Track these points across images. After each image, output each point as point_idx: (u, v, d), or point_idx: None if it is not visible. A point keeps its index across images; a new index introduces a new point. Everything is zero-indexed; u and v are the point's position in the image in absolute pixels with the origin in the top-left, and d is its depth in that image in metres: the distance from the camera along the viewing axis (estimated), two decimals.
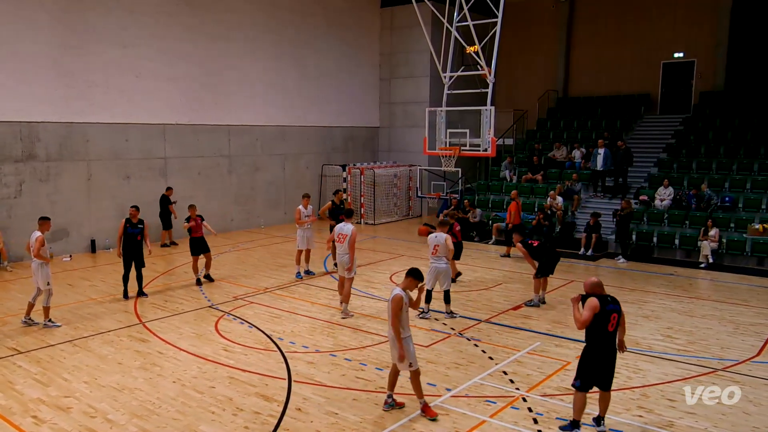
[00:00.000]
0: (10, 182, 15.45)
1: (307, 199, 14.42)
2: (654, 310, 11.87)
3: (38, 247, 10.41)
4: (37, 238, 10.46)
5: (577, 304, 6.82)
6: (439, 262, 11.08)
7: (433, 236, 11.21)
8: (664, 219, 17.64)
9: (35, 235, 10.54)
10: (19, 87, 15.38)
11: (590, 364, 6.74)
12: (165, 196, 18.04)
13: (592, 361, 6.74)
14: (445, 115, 19.85)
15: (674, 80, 23.74)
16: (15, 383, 8.27)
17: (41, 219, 10.89)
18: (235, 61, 20.26)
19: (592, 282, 6.83)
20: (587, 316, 6.58)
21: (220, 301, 12.32)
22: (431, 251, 11.16)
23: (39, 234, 10.53)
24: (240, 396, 7.88)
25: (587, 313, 6.59)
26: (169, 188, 18.17)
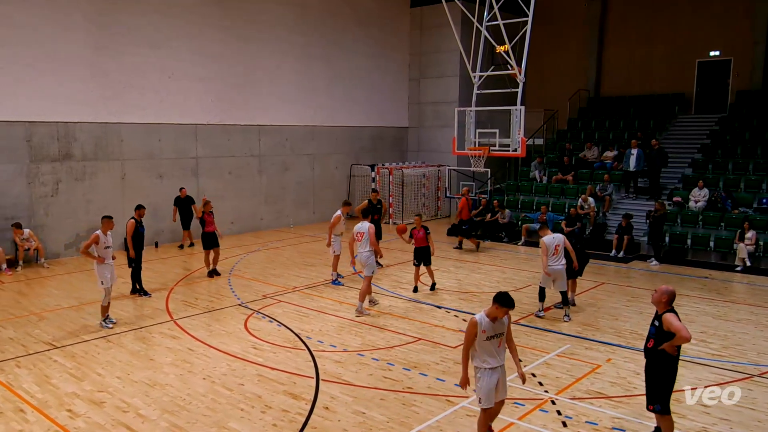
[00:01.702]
0: (47, 181, 15.84)
1: (347, 207, 14.24)
2: (687, 314, 11.62)
3: (87, 243, 10.38)
4: (92, 236, 10.47)
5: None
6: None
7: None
8: (699, 221, 17.28)
9: (95, 232, 10.55)
10: (56, 88, 15.76)
11: (670, 385, 6.29)
12: (180, 197, 17.65)
13: (671, 382, 6.29)
14: (474, 115, 19.74)
15: (710, 79, 23.23)
16: (51, 377, 8.48)
17: (104, 218, 10.81)
18: (265, 62, 20.46)
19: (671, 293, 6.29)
20: (679, 325, 6.04)
21: (250, 299, 12.45)
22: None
23: (96, 232, 10.49)
24: (268, 394, 7.95)
25: (678, 323, 6.05)
26: (182, 188, 17.84)
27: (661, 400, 6.27)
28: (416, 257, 13.32)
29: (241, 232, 20.17)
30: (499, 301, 6.09)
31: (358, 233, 11.67)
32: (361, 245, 11.55)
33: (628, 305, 12.19)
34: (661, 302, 6.27)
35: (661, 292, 6.30)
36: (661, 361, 6.23)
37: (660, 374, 6.28)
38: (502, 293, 6.14)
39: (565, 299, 11.26)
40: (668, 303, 6.25)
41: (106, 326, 10.54)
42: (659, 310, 6.30)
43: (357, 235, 11.69)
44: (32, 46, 15.25)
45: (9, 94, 14.99)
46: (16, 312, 11.52)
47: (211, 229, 14.18)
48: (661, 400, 6.27)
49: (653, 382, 6.33)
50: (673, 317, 6.13)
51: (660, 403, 6.27)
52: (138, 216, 12.42)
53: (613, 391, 8.10)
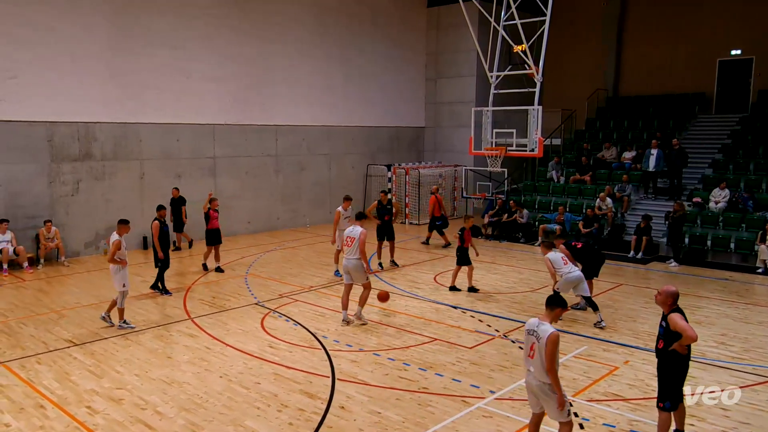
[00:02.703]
0: (67, 180, 16.04)
1: (348, 201, 14.36)
2: (707, 316, 11.49)
3: (113, 251, 10.21)
4: (114, 242, 10.27)
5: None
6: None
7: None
8: (719, 221, 17.05)
9: (112, 238, 10.38)
10: (77, 89, 15.96)
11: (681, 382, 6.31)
12: (173, 198, 17.19)
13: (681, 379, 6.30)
14: (491, 115, 19.65)
15: (731, 78, 22.91)
16: (71, 374, 8.58)
17: (120, 222, 10.59)
18: (282, 62, 20.54)
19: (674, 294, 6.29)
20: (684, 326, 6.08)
21: (266, 298, 12.51)
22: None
23: (117, 237, 10.31)
24: (285, 392, 7.98)
25: (683, 323, 6.10)
26: (174, 188, 17.39)
27: (672, 397, 6.32)
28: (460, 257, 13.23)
29: (257, 232, 20.27)
30: (556, 304, 6.05)
31: (348, 238, 10.76)
32: (350, 251, 10.65)
33: (646, 307, 12.06)
34: (666, 304, 6.29)
35: (665, 294, 6.30)
36: (673, 360, 6.25)
37: (672, 373, 6.32)
38: (553, 296, 6.19)
39: (592, 303, 10.99)
40: (673, 304, 6.27)
41: (128, 327, 10.50)
42: (665, 311, 6.33)
43: (348, 239, 10.76)
44: (53, 48, 15.46)
45: (30, 95, 15.20)
46: (37, 309, 11.69)
47: (216, 225, 14.56)
48: (672, 397, 6.32)
49: (665, 381, 6.36)
50: (678, 317, 6.15)
51: (670, 400, 6.32)
52: (160, 216, 12.71)
53: (631, 393, 8.03)
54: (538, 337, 5.87)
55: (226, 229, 19.18)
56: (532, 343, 5.93)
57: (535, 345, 5.89)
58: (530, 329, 6.03)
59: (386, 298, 11.11)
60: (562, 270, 10.86)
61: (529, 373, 6.05)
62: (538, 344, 5.84)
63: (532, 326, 6.01)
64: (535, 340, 5.89)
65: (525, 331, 6.12)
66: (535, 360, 5.89)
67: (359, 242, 10.52)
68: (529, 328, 6.06)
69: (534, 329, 5.96)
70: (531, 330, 6.01)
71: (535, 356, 5.87)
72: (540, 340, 5.82)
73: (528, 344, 6.02)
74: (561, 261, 10.94)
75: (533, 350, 5.92)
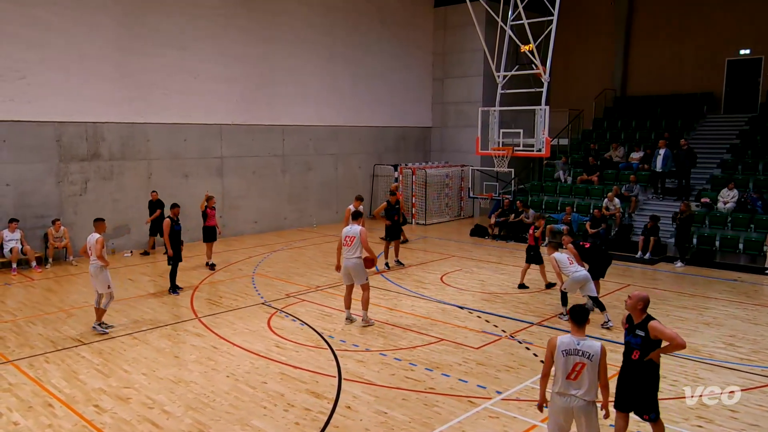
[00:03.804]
0: (76, 180, 16.13)
1: (359, 201, 14.34)
2: (716, 317, 11.43)
3: (100, 248, 10.08)
4: (98, 240, 10.14)
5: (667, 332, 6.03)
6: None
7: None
8: (728, 222, 16.96)
9: (94, 237, 10.22)
10: (85, 89, 16.04)
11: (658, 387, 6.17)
12: (151, 201, 16.76)
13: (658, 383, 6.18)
14: (498, 115, 19.62)
15: (739, 78, 22.78)
16: (79, 373, 8.62)
17: (97, 220, 10.57)
18: (289, 62, 20.57)
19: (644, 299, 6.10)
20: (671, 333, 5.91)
21: (273, 298, 12.53)
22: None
23: (98, 236, 10.21)
24: (291, 392, 7.99)
25: (670, 331, 5.94)
26: (153, 192, 16.87)
27: (655, 408, 6.17)
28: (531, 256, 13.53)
29: (264, 232, 20.32)
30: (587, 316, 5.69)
31: (347, 237, 10.55)
32: (349, 251, 10.50)
33: (654, 308, 11.94)
34: (636, 309, 6.08)
35: (635, 299, 6.11)
36: (650, 370, 6.07)
37: (651, 383, 6.12)
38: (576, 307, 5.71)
39: (599, 303, 10.92)
40: (644, 309, 6.08)
41: (103, 331, 10.23)
42: (636, 317, 6.09)
43: (346, 239, 10.56)
44: (61, 48, 15.54)
45: (39, 95, 15.29)
46: (45, 308, 11.75)
47: (212, 223, 14.99)
48: (655, 408, 6.17)
49: (646, 392, 6.15)
50: (661, 325, 5.97)
51: (654, 411, 6.16)
52: (173, 215, 12.82)
53: None
54: (587, 355, 5.39)
55: (233, 229, 19.39)
56: (576, 363, 5.40)
57: (586, 365, 5.38)
58: (569, 349, 5.45)
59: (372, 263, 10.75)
60: (568, 270, 10.84)
61: (570, 398, 5.46)
62: (590, 362, 5.37)
63: (571, 345, 5.46)
64: (584, 359, 5.39)
65: (560, 353, 5.47)
66: (582, 380, 5.40)
67: (361, 239, 10.45)
68: (567, 348, 5.46)
69: (576, 348, 5.44)
70: (571, 349, 5.45)
71: (583, 376, 5.39)
72: (592, 357, 5.38)
73: (568, 366, 5.43)
74: (567, 261, 10.91)
75: (579, 371, 5.41)
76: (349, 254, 10.58)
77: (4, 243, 14.64)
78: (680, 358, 9.27)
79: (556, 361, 5.48)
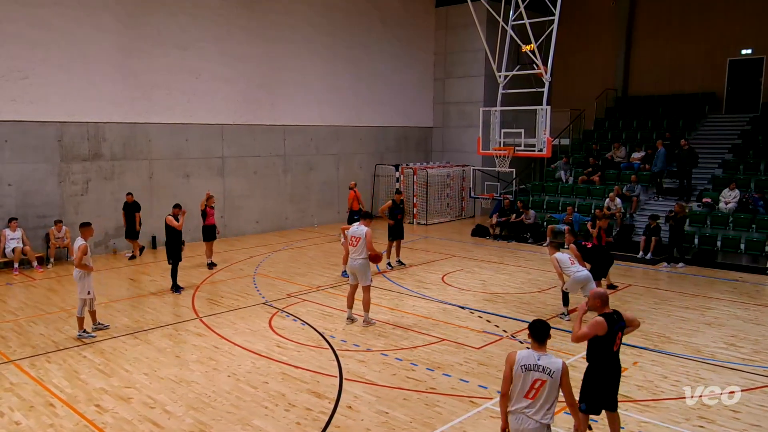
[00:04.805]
0: (77, 180, 16.14)
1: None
2: (717, 317, 11.42)
3: (80, 256, 9.68)
4: (80, 247, 9.71)
5: (582, 315, 6.33)
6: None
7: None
8: (729, 222, 16.94)
9: (78, 242, 9.83)
10: (87, 89, 16.05)
11: (596, 386, 6.25)
12: (126, 203, 16.23)
13: (598, 383, 6.26)
14: (499, 115, 19.59)
15: (741, 78, 22.74)
16: (80, 372, 8.63)
17: (83, 225, 10.10)
18: (291, 62, 20.58)
19: (597, 295, 6.27)
20: (586, 333, 6.02)
21: (274, 298, 12.54)
22: None
23: (82, 242, 9.79)
24: (292, 392, 8.00)
25: (588, 330, 6.00)
26: (129, 194, 16.29)
27: (586, 399, 6.35)
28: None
29: (265, 231, 20.32)
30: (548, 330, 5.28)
31: (353, 237, 10.57)
32: (355, 251, 10.52)
33: (656, 308, 12.00)
34: (595, 306, 6.23)
35: (591, 296, 6.35)
36: (591, 362, 6.37)
37: (588, 375, 6.40)
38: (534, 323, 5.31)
39: None
40: (602, 305, 6.19)
41: (89, 336, 10.03)
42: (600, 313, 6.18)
43: (352, 239, 10.57)
44: (64, 48, 15.56)
45: (41, 95, 15.31)
46: (46, 308, 11.76)
47: (212, 221, 15.10)
48: (586, 399, 6.35)
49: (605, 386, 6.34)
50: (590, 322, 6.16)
51: (585, 402, 6.34)
52: (174, 214, 12.92)
53: (640, 394, 7.99)
54: (548, 371, 4.98)
55: (234, 229, 19.40)
56: (536, 380, 4.99)
57: (546, 382, 4.97)
58: (529, 364, 5.03)
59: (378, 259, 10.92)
60: (569, 270, 10.83)
61: (521, 417, 5.01)
62: (550, 379, 4.96)
63: (530, 360, 5.04)
64: (544, 375, 4.98)
65: (519, 368, 5.03)
66: (539, 400, 4.97)
67: (366, 241, 10.46)
68: (526, 363, 5.03)
69: (536, 363, 5.02)
70: (531, 365, 5.02)
71: (541, 395, 4.97)
72: (553, 374, 4.97)
73: (526, 382, 5.01)
74: (568, 261, 10.91)
75: (538, 388, 4.98)
76: (354, 255, 10.59)
77: (6, 242, 14.66)
78: (682, 359, 9.27)
79: (514, 378, 5.06)
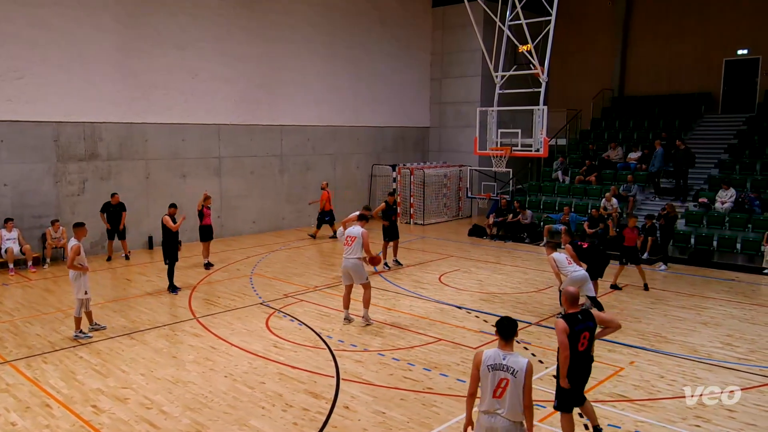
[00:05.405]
0: (73, 180, 16.10)
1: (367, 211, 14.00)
2: (713, 317, 11.45)
3: (72, 257, 9.63)
4: (72, 247, 9.68)
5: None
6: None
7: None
8: (725, 222, 16.98)
9: (71, 243, 9.79)
10: (85, 89, 16.02)
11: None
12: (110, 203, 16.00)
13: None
14: (496, 115, 19.63)
15: (737, 78, 22.81)
16: (77, 373, 8.61)
17: (76, 225, 10.04)
18: (289, 62, 20.57)
19: (565, 294, 6.34)
20: (561, 340, 6.02)
21: (271, 298, 12.53)
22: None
23: (75, 242, 9.74)
24: (289, 392, 7.99)
25: (560, 336, 6.04)
26: (114, 194, 16.10)
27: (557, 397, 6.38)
28: (625, 255, 13.66)
29: (262, 232, 20.30)
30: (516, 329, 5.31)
31: (348, 237, 10.59)
32: (350, 251, 10.53)
33: (652, 307, 12.03)
34: (565, 305, 6.32)
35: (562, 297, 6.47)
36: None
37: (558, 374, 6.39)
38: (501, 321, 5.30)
39: (597, 303, 10.92)
40: (571, 304, 6.23)
41: (85, 336, 10.00)
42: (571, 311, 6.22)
43: (347, 239, 10.59)
44: (62, 47, 15.52)
45: (39, 95, 15.26)
46: (42, 309, 11.74)
47: (209, 222, 15.19)
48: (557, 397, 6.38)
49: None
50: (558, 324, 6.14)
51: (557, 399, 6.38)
52: (170, 214, 13.01)
53: (636, 394, 8.00)
54: (512, 371, 5.01)
55: (231, 229, 19.38)
56: (502, 379, 5.03)
57: (509, 381, 5.00)
58: (495, 363, 5.07)
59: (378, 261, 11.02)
60: (566, 269, 10.84)
61: (495, 417, 5.04)
62: (513, 379, 4.99)
63: (497, 359, 5.08)
64: (508, 375, 5.02)
65: (485, 368, 5.09)
66: (506, 398, 5.00)
67: (363, 242, 10.48)
68: (493, 363, 5.08)
69: (501, 363, 5.06)
70: (497, 364, 5.06)
71: (507, 394, 5.00)
72: (516, 374, 4.99)
73: (493, 382, 5.05)
74: (565, 261, 10.92)
75: (504, 387, 5.03)
76: (348, 254, 10.60)
77: (2, 243, 14.61)
78: (678, 358, 9.29)
79: (482, 378, 5.12)
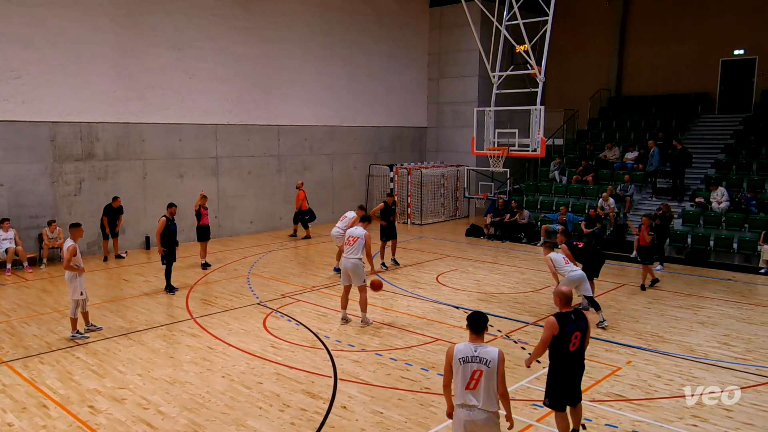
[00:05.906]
0: (70, 180, 16.07)
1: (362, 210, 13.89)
2: (710, 316, 11.47)
3: (68, 258, 9.59)
4: (68, 248, 9.65)
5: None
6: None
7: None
8: (722, 222, 17.01)
9: (67, 244, 9.76)
10: (82, 89, 15.98)
11: (556, 384, 6.32)
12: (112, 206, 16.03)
13: (557, 381, 6.32)
14: (493, 115, 19.64)
15: (734, 78, 22.85)
16: (74, 374, 8.60)
17: (72, 226, 9.99)
18: (286, 62, 20.55)
19: (556, 293, 6.40)
20: (544, 336, 6.15)
21: (269, 298, 12.52)
22: None
23: (71, 243, 9.70)
24: (287, 392, 7.99)
25: (544, 333, 6.17)
26: (116, 198, 16.13)
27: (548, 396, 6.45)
28: (640, 255, 13.93)
29: (259, 232, 20.28)
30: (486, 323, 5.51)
31: (350, 237, 10.63)
32: (351, 251, 10.54)
33: (649, 307, 12.05)
34: (558, 304, 6.36)
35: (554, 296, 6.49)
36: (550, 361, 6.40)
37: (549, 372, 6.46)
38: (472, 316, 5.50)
39: (594, 303, 10.93)
40: (564, 304, 6.27)
41: (82, 337, 9.99)
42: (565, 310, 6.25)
43: (349, 238, 10.64)
44: (59, 47, 15.48)
45: (35, 95, 15.22)
46: (39, 309, 11.71)
47: (206, 222, 15.21)
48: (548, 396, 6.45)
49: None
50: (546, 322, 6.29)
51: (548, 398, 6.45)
52: (170, 214, 12.86)
53: (634, 394, 8.01)
54: (485, 362, 5.17)
55: (228, 229, 19.36)
56: (474, 371, 5.16)
57: (483, 372, 5.15)
58: (467, 356, 5.22)
59: (379, 287, 10.73)
60: (564, 269, 10.85)
61: (472, 410, 5.17)
62: (487, 369, 5.14)
63: (468, 352, 5.23)
64: (481, 366, 5.16)
65: (457, 361, 5.24)
66: (480, 389, 5.14)
67: (366, 245, 10.55)
68: (464, 356, 5.22)
69: (473, 354, 5.21)
70: (469, 357, 5.21)
71: (481, 385, 5.14)
72: (489, 363, 5.16)
73: (466, 374, 5.19)
74: (562, 261, 10.93)
75: (477, 379, 5.16)
76: (349, 254, 10.60)
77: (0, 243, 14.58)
78: (676, 358, 9.31)
79: (454, 371, 5.26)
